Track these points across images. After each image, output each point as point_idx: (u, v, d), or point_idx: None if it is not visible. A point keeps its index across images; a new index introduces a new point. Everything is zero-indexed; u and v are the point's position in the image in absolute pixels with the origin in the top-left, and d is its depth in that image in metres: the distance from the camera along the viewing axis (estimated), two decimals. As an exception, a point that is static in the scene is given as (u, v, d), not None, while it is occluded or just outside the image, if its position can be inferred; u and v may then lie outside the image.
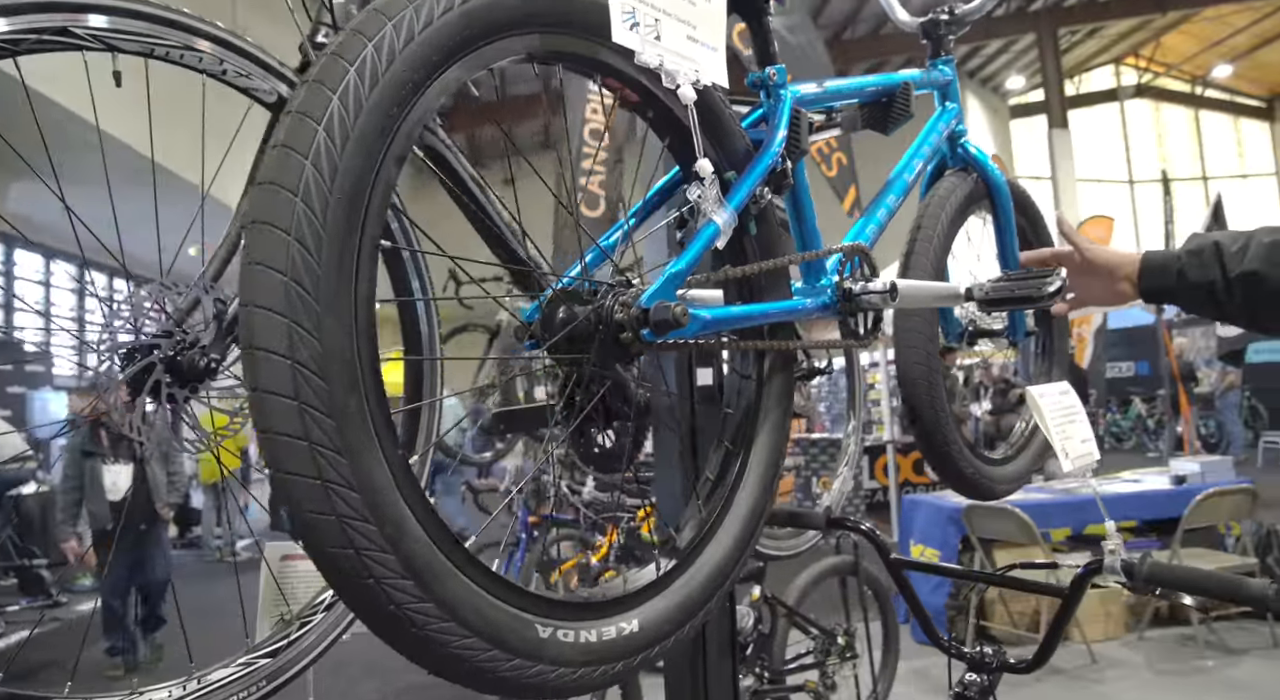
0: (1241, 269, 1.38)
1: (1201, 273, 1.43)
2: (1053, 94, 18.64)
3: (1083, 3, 18.90)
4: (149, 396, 1.24)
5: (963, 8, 2.04)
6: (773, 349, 1.22)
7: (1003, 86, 22.73)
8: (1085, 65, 23.54)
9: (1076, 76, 23.51)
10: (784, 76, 1.35)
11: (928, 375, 1.80)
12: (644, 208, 1.25)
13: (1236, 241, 1.40)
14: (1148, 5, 18.89)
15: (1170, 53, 23.27)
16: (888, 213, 1.64)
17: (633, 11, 0.95)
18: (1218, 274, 1.41)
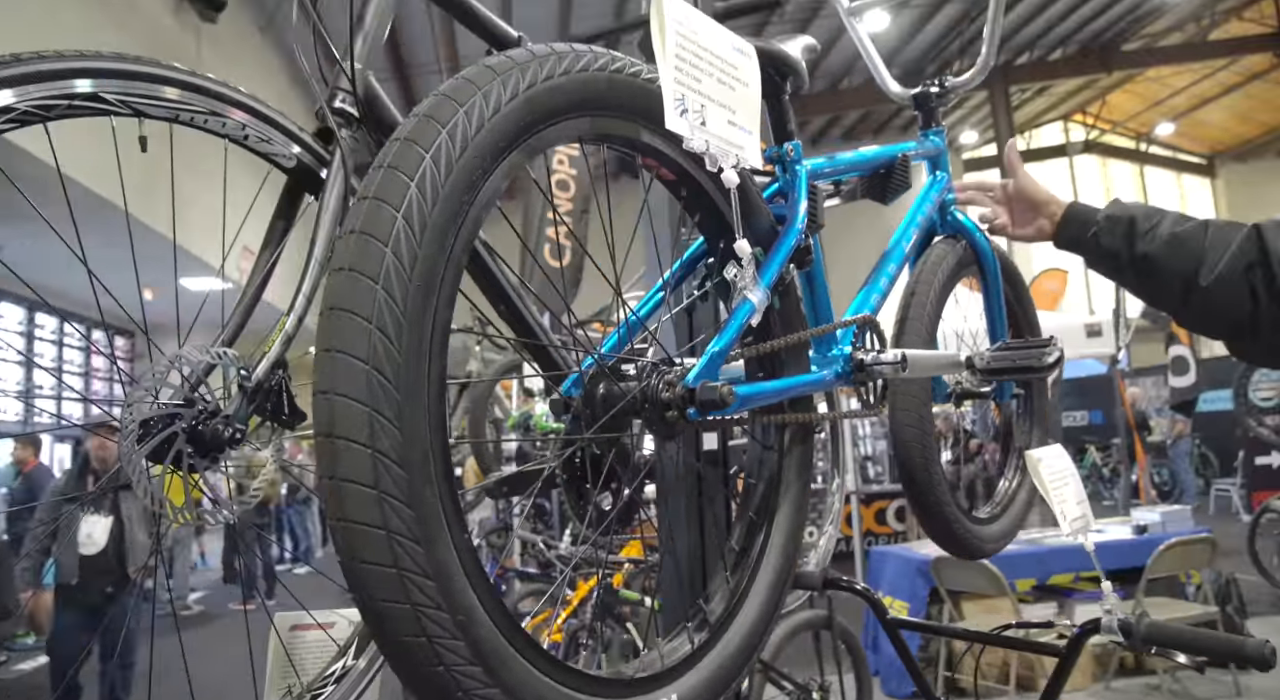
0: (1141, 250, 1.50)
1: (1111, 241, 1.56)
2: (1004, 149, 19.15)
3: (1032, 62, 19.54)
4: (171, 465, 1.23)
5: (953, 80, 2.11)
6: (797, 422, 1.25)
7: (957, 141, 23.31)
8: (1035, 122, 24.27)
9: (1027, 132, 24.22)
10: (800, 152, 1.40)
11: (921, 438, 1.84)
12: (673, 279, 1.27)
13: (1150, 220, 1.53)
14: (1093, 66, 19.58)
15: (1116, 111, 24.10)
16: (889, 281, 1.68)
17: (683, 99, 0.98)
18: (1124, 248, 1.53)
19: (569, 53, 0.95)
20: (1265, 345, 1.44)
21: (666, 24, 0.97)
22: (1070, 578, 6.77)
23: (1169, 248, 1.48)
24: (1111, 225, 1.57)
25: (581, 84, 0.95)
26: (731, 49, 1.07)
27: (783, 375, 1.27)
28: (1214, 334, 1.53)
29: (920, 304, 1.86)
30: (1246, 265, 1.39)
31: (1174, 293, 1.49)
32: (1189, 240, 1.47)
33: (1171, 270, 1.48)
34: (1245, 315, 1.40)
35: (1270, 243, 1.38)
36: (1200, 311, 1.48)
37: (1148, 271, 1.51)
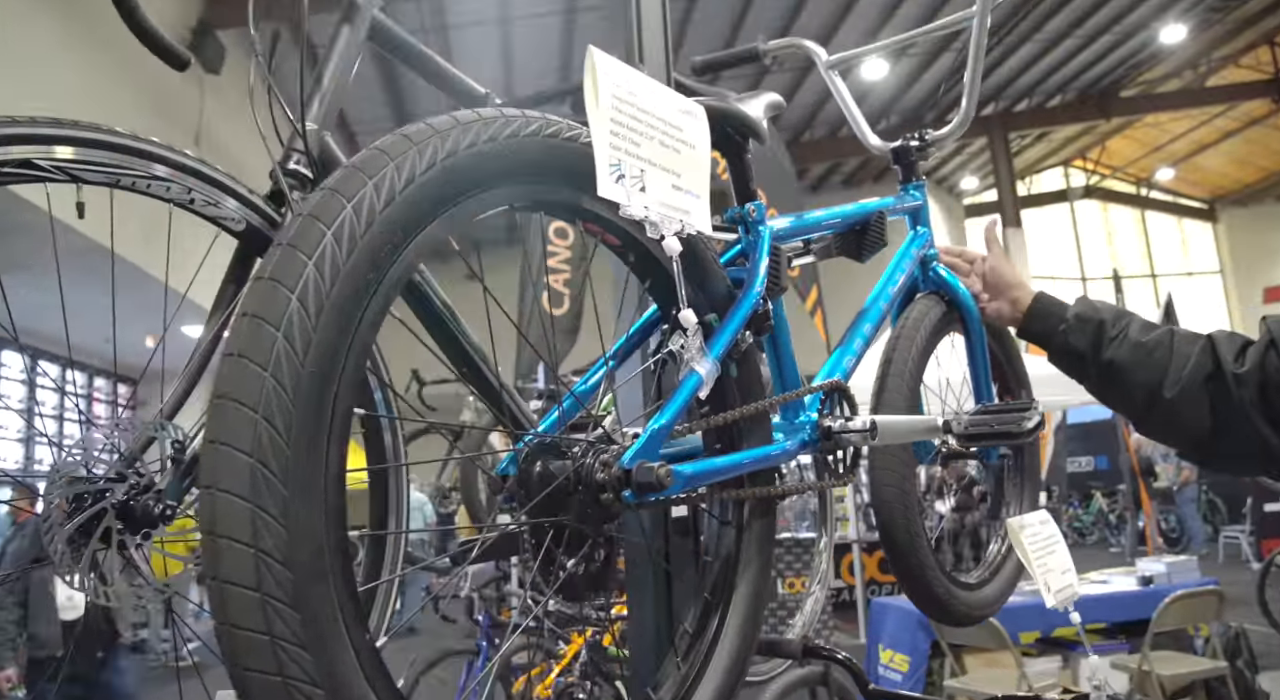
0: (1108, 356, 1.49)
1: (1079, 342, 1.55)
2: (1005, 194, 19.21)
3: (1031, 109, 19.67)
4: (100, 542, 1.17)
5: (933, 134, 2.07)
6: (753, 497, 1.19)
7: (957, 187, 23.43)
8: (1036, 167, 24.38)
9: (1028, 177, 24.31)
10: (763, 212, 1.35)
11: (902, 498, 1.77)
12: (624, 349, 1.22)
13: (1118, 325, 1.52)
14: (1092, 112, 19.70)
15: (1115, 156, 24.21)
16: (863, 342, 1.63)
17: (619, 164, 0.93)
18: (1091, 351, 1.52)
19: (498, 118, 0.90)
20: (1227, 454, 1.44)
21: (600, 86, 0.93)
22: (1075, 631, 6.62)
23: (1135, 356, 1.47)
24: (1080, 325, 1.55)
25: (512, 150, 0.91)
26: (676, 110, 1.03)
27: (742, 446, 1.21)
28: (1175, 443, 1.52)
29: (900, 364, 1.80)
30: (1205, 377, 1.39)
31: (1137, 402, 1.48)
32: (1155, 350, 1.45)
33: (1136, 380, 1.46)
34: (1206, 428, 1.39)
35: (1222, 353, 1.38)
36: (1163, 423, 1.47)
37: (1112, 378, 1.50)
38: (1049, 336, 1.60)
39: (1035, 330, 1.65)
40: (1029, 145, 22.48)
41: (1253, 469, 1.48)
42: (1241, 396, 1.34)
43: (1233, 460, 1.46)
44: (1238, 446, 1.38)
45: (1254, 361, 1.34)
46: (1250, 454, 1.38)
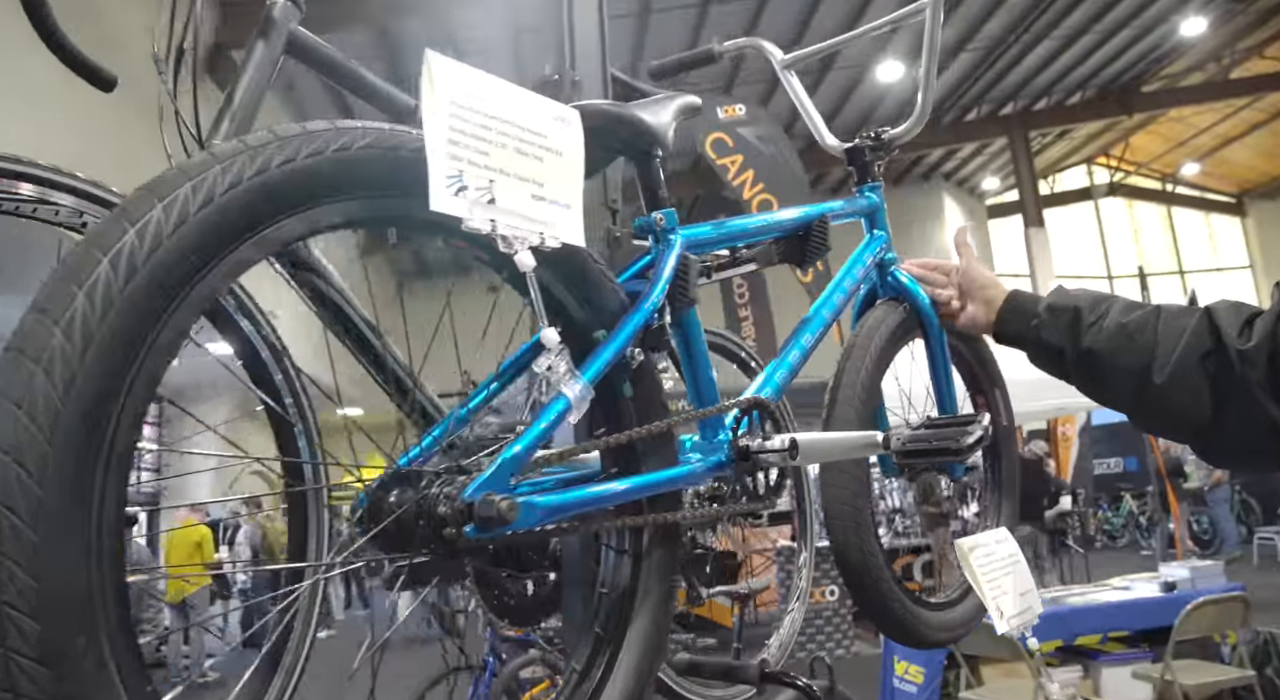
0: (1087, 344, 1.33)
1: (1054, 336, 1.39)
2: (1027, 194, 18.99)
3: (1050, 107, 19.43)
4: None
5: (890, 132, 2.00)
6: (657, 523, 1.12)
7: (979, 188, 23.21)
8: (1058, 166, 24.09)
9: (1050, 176, 24.02)
10: (673, 220, 1.28)
11: (854, 515, 1.69)
12: (510, 369, 1.15)
13: (1096, 310, 1.35)
14: (1113, 108, 19.43)
15: (1139, 152, 23.86)
16: (801, 355, 1.56)
17: (459, 175, 0.87)
18: (1068, 343, 1.36)
19: (326, 132, 0.85)
20: (1231, 445, 1.23)
21: (437, 93, 0.87)
22: (1097, 639, 6.45)
23: (1117, 341, 1.30)
24: (1054, 318, 1.39)
25: (342, 165, 0.85)
26: (540, 116, 0.97)
27: (642, 470, 1.14)
28: (1173, 434, 1.36)
29: (853, 376, 1.72)
30: (1202, 355, 1.19)
31: (1125, 392, 1.30)
32: (1139, 332, 1.28)
33: (1121, 367, 1.29)
34: (1205, 415, 1.20)
35: (1224, 326, 1.18)
36: (1156, 411, 1.28)
37: (1094, 369, 1.33)
38: (1024, 335, 1.45)
39: (1010, 332, 1.50)
40: (1050, 144, 22.21)
41: (1264, 461, 1.28)
42: (1247, 375, 1.14)
43: (1238, 452, 1.26)
44: (1244, 433, 1.18)
45: (1263, 334, 1.13)
46: (1261, 445, 1.17)
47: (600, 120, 1.15)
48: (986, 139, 20.13)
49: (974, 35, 15.71)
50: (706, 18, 14.15)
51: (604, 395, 1.13)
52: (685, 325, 1.28)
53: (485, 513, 0.85)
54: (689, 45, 14.13)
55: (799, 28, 14.40)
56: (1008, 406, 2.19)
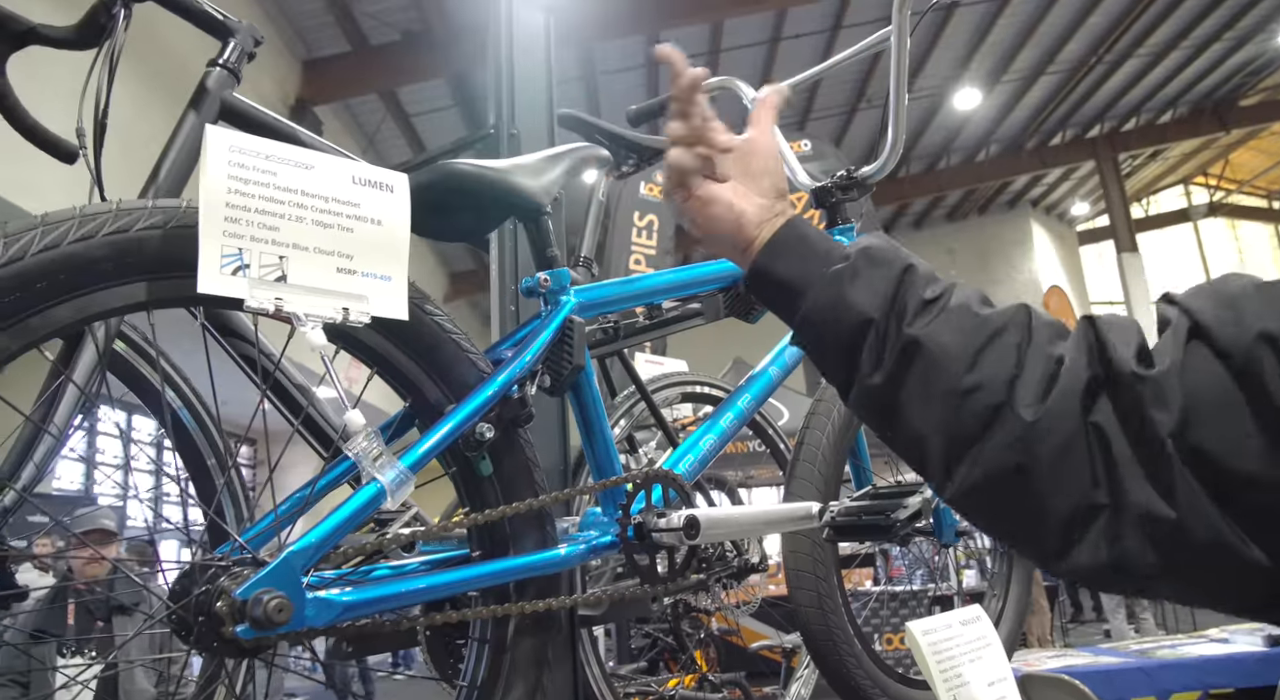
0: (915, 330, 0.77)
1: (868, 297, 0.79)
2: (1118, 218, 18.25)
3: (1140, 127, 18.71)
4: None
5: (863, 170, 1.88)
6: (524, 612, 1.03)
7: (1068, 213, 22.42)
8: (1153, 187, 23.13)
9: (1145, 198, 23.10)
10: (562, 281, 1.21)
11: (815, 583, 1.57)
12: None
13: (935, 282, 0.81)
14: (1209, 125, 18.60)
15: (1240, 170, 22.75)
16: (737, 419, 1.45)
17: (237, 253, 0.82)
18: (885, 315, 0.79)
19: (101, 213, 0.81)
20: (1126, 546, 0.68)
21: (210, 167, 0.82)
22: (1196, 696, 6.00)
23: (967, 337, 0.76)
24: (872, 269, 0.81)
25: (118, 248, 0.81)
26: (348, 183, 0.91)
27: (510, 553, 1.06)
28: (1025, 523, 0.74)
29: (814, 446, 1.61)
30: (1085, 386, 0.71)
31: (964, 424, 0.74)
32: (1003, 332, 0.76)
33: (968, 381, 0.74)
34: (1089, 491, 0.69)
35: (1113, 344, 0.71)
36: (1012, 470, 0.72)
37: (918, 375, 0.77)
38: (801, 285, 0.83)
39: (778, 273, 0.86)
40: (1142, 165, 21.36)
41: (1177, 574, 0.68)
42: (1154, 419, 0.67)
43: (1134, 557, 0.68)
44: (1151, 516, 0.66)
45: (1170, 368, 0.68)
46: (1176, 546, 0.66)
47: (456, 182, 1.09)
48: (1073, 163, 19.48)
49: (1054, 58, 15.27)
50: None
51: (464, 474, 1.06)
52: (578, 392, 1.20)
53: (255, 613, 0.79)
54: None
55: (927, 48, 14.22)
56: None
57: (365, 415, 0.99)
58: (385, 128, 13.67)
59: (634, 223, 7.99)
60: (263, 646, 0.82)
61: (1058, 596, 10.34)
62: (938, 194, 19.96)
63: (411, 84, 12.74)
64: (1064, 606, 10.60)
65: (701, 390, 2.11)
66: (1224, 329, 0.66)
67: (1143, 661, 5.76)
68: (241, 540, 0.89)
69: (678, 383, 2.08)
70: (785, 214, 0.88)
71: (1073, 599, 11.83)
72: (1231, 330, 0.66)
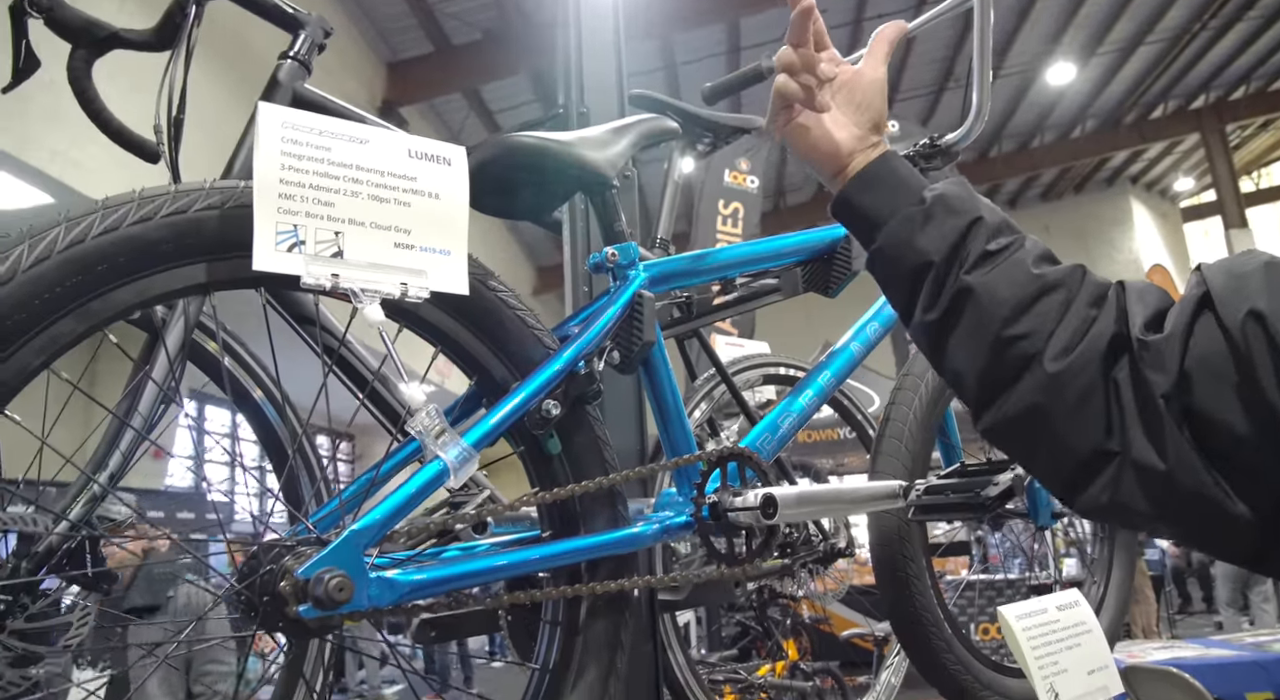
0: (971, 279, 0.83)
1: (931, 239, 0.86)
2: (1226, 193, 17.38)
3: (1249, 95, 17.78)
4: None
5: (947, 137, 1.80)
6: (596, 593, 1.00)
7: (1171, 189, 21.48)
8: (1264, 160, 21.96)
9: (1255, 171, 21.95)
10: (630, 255, 1.18)
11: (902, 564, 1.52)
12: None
13: (1003, 234, 0.86)
14: (1326, 91, 17.62)
15: (1363, 138, 21.47)
16: (816, 397, 1.40)
17: (293, 230, 0.81)
18: (945, 260, 0.85)
19: (160, 195, 0.81)
20: (1115, 484, 0.77)
21: (264, 143, 0.81)
22: (1318, 689, 5.67)
23: (1019, 289, 0.82)
24: (944, 217, 0.87)
25: (178, 229, 0.81)
26: (404, 157, 0.90)
27: (580, 532, 1.04)
28: (1045, 459, 0.82)
29: (900, 422, 1.55)
30: (1105, 345, 0.78)
31: (996, 367, 0.82)
32: (1052, 289, 0.82)
33: (1005, 331, 0.81)
34: (1095, 436, 0.77)
35: (1130, 307, 0.80)
36: (1027, 414, 0.80)
37: (964, 318, 0.84)
38: (879, 219, 0.90)
39: (862, 204, 0.92)
40: (1252, 136, 20.30)
41: (1163, 514, 0.76)
42: (1148, 380, 0.74)
43: (1130, 499, 0.76)
44: (1143, 466, 0.74)
45: (1175, 328, 0.75)
46: (1166, 485, 0.73)
47: (519, 156, 1.06)
48: (1176, 137, 18.63)
49: (1153, 27, 14.62)
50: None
51: (531, 453, 1.04)
52: (650, 370, 1.17)
53: (317, 592, 0.78)
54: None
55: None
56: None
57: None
58: (469, 125, 13.87)
59: (719, 211, 7.92)
60: (327, 627, 0.81)
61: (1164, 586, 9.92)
62: (1031, 173, 19.33)
63: (494, 81, 12.89)
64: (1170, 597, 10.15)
65: (784, 372, 2.06)
66: (1227, 303, 0.72)
67: (1259, 655, 5.46)
68: (308, 522, 0.88)
69: (759, 364, 2.03)
70: (879, 147, 0.94)
71: (1180, 589, 11.33)
72: (1232, 305, 0.72)
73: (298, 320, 1.27)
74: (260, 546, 0.85)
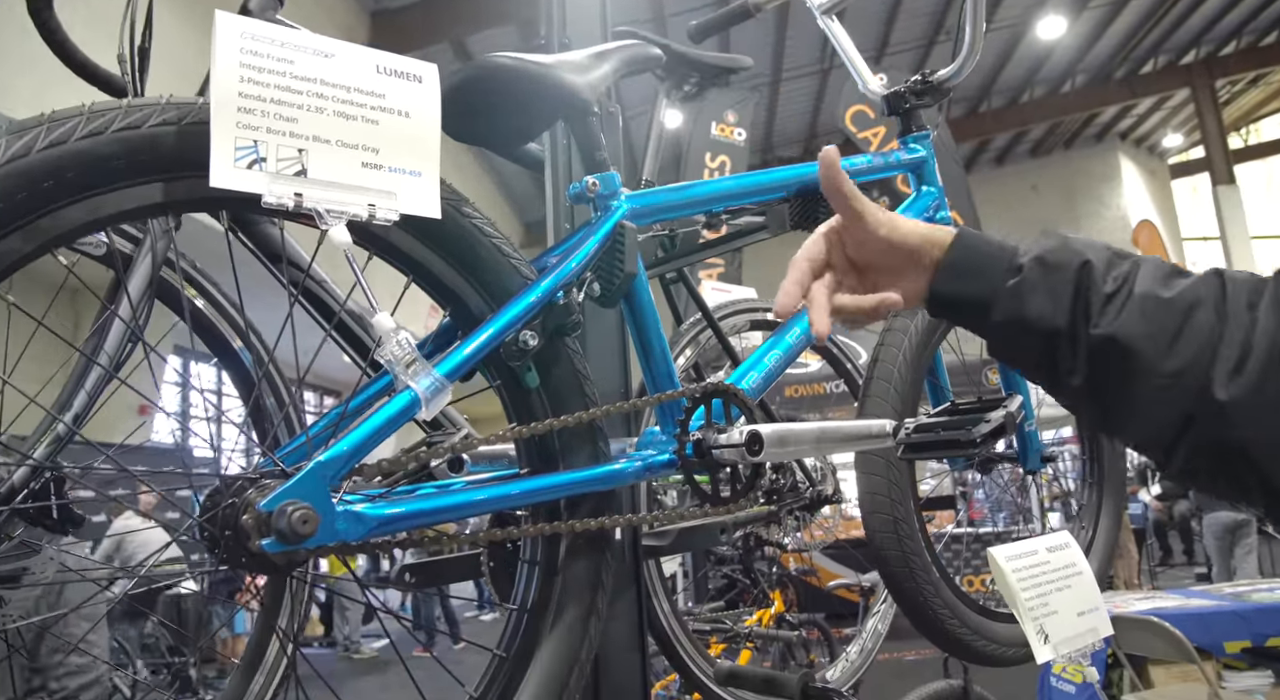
0: (1105, 328, 0.76)
1: (1049, 305, 0.78)
2: (1215, 149, 17.32)
3: (1240, 50, 17.65)
4: None
5: (939, 73, 1.76)
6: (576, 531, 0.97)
7: (1159, 145, 21.40)
8: (1253, 116, 21.87)
9: (1244, 128, 21.87)
10: (612, 185, 1.13)
11: (890, 507, 1.50)
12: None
13: (1113, 269, 0.79)
14: (1317, 46, 17.50)
15: (1353, 94, 21.39)
16: (805, 334, 1.37)
17: (253, 146, 0.76)
18: (1073, 320, 0.78)
19: (111, 109, 0.76)
20: None
21: (221, 54, 0.76)
22: (1292, 640, 5.75)
23: (1156, 323, 0.75)
24: (1048, 276, 0.79)
25: (129, 145, 0.76)
26: (372, 72, 0.85)
27: (559, 469, 1.01)
28: (1240, 488, 0.76)
29: (889, 363, 1.52)
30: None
31: (1166, 411, 0.74)
32: (1192, 310, 0.75)
33: (1163, 369, 0.74)
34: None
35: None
36: (1216, 446, 0.73)
37: (1117, 370, 0.76)
38: (987, 304, 0.82)
39: (956, 295, 0.84)
40: (1242, 91, 20.20)
41: None
42: None
43: None
44: None
45: None
46: None
47: (496, 78, 1.02)
48: (1166, 92, 18.51)
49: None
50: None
51: (508, 387, 1.00)
52: (631, 299, 1.13)
53: (280, 525, 0.75)
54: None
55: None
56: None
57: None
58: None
59: (706, 164, 7.85)
60: (293, 562, 0.78)
61: (1145, 539, 10.03)
62: (1021, 128, 19.21)
63: (482, 30, 12.65)
64: (1152, 549, 10.28)
65: (771, 317, 2.02)
66: None
67: (1238, 605, 5.53)
68: (274, 456, 0.85)
69: (746, 309, 2.00)
70: (945, 234, 0.85)
71: (1161, 542, 11.47)
72: None
73: (267, 257, 1.23)
74: (222, 480, 0.81)
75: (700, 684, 1.78)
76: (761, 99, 14.47)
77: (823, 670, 2.10)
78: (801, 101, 16.05)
